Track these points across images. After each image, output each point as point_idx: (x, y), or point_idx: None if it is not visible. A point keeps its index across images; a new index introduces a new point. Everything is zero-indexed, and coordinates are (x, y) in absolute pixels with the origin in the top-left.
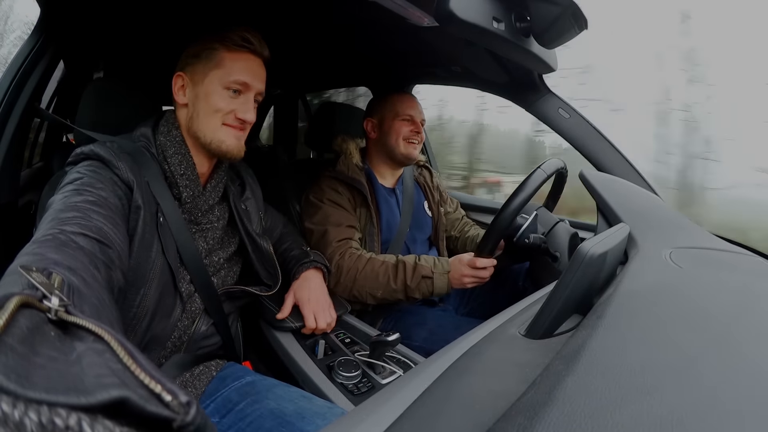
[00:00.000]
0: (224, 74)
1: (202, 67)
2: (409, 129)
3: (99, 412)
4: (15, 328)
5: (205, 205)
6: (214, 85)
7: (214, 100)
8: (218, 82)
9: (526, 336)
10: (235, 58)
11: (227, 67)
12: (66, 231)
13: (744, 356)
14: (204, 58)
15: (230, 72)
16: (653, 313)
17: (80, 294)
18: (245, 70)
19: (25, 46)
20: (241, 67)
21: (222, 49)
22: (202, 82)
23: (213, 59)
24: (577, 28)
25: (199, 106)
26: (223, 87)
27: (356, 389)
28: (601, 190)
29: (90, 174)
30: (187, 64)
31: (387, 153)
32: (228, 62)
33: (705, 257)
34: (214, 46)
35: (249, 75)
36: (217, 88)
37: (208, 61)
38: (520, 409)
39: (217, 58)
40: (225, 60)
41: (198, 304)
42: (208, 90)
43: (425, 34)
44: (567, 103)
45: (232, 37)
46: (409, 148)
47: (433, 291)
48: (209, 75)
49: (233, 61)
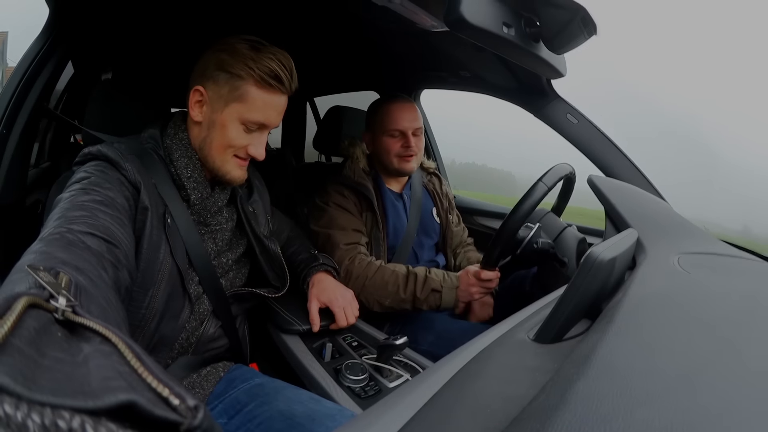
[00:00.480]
0: (245, 110)
1: (225, 93)
2: (399, 145)
3: (103, 415)
4: (22, 329)
5: (214, 207)
6: (233, 118)
7: (230, 134)
8: (237, 116)
9: (536, 341)
10: (260, 95)
11: (250, 103)
12: (74, 230)
13: (754, 361)
14: (227, 84)
15: (252, 110)
16: (662, 318)
17: (87, 294)
18: (268, 111)
19: (34, 46)
20: (265, 106)
21: (249, 81)
22: (221, 110)
23: (237, 90)
24: (587, 33)
25: (214, 135)
26: (240, 122)
27: (363, 393)
28: (610, 195)
29: (97, 174)
30: (208, 78)
31: (384, 167)
32: (252, 99)
33: (713, 263)
34: (241, 75)
35: (270, 115)
36: (234, 122)
37: (232, 90)
38: (532, 413)
39: (242, 90)
40: (250, 95)
41: (206, 305)
42: (226, 122)
43: (435, 38)
44: (575, 108)
45: (262, 70)
46: (402, 163)
47: (441, 305)
48: (230, 106)
49: (258, 99)
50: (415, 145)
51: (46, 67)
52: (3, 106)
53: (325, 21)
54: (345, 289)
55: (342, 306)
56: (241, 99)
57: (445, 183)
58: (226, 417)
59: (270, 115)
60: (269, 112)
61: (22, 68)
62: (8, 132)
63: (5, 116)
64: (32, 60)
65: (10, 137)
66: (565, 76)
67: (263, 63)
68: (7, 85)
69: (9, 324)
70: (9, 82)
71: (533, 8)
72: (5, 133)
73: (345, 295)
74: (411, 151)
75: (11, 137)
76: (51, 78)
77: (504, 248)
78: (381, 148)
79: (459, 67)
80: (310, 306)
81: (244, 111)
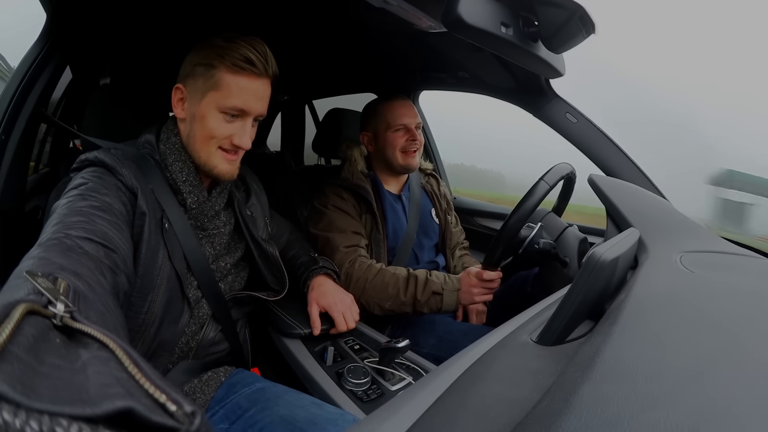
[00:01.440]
0: (221, 97)
1: (201, 84)
2: (404, 139)
3: (101, 422)
4: (20, 337)
5: (211, 211)
6: (211, 107)
7: (210, 124)
8: (215, 104)
9: (539, 342)
10: (234, 80)
11: (225, 90)
12: (71, 235)
13: (758, 360)
14: (202, 75)
15: (227, 96)
16: (666, 318)
17: (86, 299)
18: (244, 95)
19: (32, 51)
20: (240, 91)
21: (221, 69)
22: (199, 102)
23: (211, 78)
24: (585, 32)
25: (196, 128)
26: (219, 111)
27: (365, 396)
28: (610, 194)
29: (94, 180)
30: (186, 75)
31: (387, 165)
32: (226, 85)
33: (715, 261)
34: (213, 64)
35: (248, 100)
36: (213, 111)
37: (206, 79)
38: (537, 417)
39: (216, 77)
40: (223, 81)
41: (206, 309)
42: (204, 112)
43: (432, 39)
44: (574, 107)
45: (232, 55)
46: (408, 158)
47: (442, 307)
48: (207, 96)
49: (232, 84)
50: (418, 140)
51: (44, 72)
52: (1, 111)
53: (323, 24)
54: (344, 293)
55: (341, 311)
56: (216, 87)
57: (443, 184)
58: (227, 422)
59: (247, 100)
60: (246, 96)
61: (20, 73)
62: (7, 138)
63: (4, 122)
64: (30, 65)
65: (9, 143)
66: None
67: (234, 49)
68: (5, 90)
69: (7, 332)
70: (7, 87)
71: (531, 8)
72: (4, 138)
73: (344, 299)
74: (416, 145)
75: (10, 143)
76: (49, 83)
77: (505, 249)
78: (386, 144)
79: (458, 67)
80: (311, 309)
81: (220, 98)
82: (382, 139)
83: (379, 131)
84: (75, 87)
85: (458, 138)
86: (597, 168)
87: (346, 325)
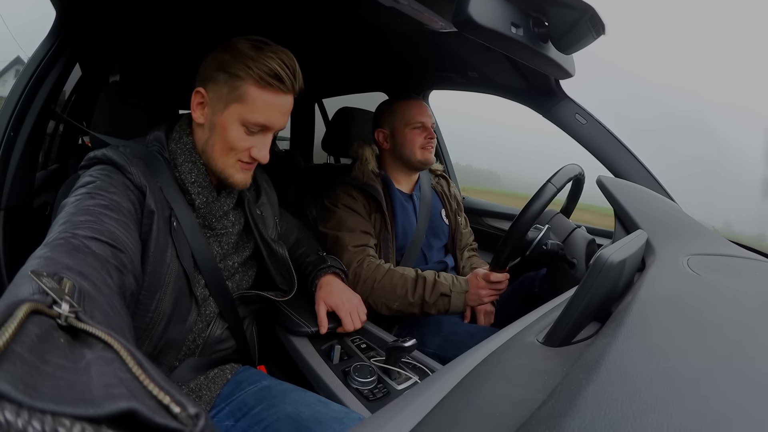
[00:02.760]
0: (245, 111)
1: (224, 93)
2: (422, 136)
3: (104, 423)
4: (24, 336)
5: (220, 211)
6: (233, 119)
7: (231, 136)
8: (237, 117)
9: (545, 344)
10: (260, 95)
11: (250, 104)
12: (78, 235)
13: (764, 365)
14: (227, 84)
15: (252, 110)
16: (672, 320)
17: (91, 299)
18: (269, 111)
19: (41, 48)
20: (266, 107)
21: (248, 81)
22: (221, 111)
23: (237, 90)
24: (595, 33)
25: (215, 137)
26: (241, 123)
27: (371, 395)
28: (619, 196)
29: (102, 178)
30: (209, 80)
31: (403, 162)
32: (252, 99)
33: (722, 264)
34: (240, 75)
35: (272, 116)
36: (235, 123)
37: (231, 90)
38: (541, 418)
39: (241, 89)
40: (249, 95)
41: (213, 308)
42: (226, 123)
43: (443, 39)
44: (584, 108)
45: (261, 68)
46: (426, 153)
47: (449, 309)
48: (230, 107)
49: (258, 99)
50: (434, 138)
51: (53, 69)
52: (11, 108)
53: (333, 22)
54: (352, 293)
55: (348, 311)
56: (241, 99)
57: (453, 185)
58: (232, 419)
59: (272, 116)
60: (271, 112)
61: (30, 70)
62: (16, 134)
63: (13, 118)
64: (40, 62)
65: (18, 139)
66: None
67: (263, 62)
68: (14, 87)
69: (10, 331)
70: (17, 84)
71: (541, 8)
72: (13, 135)
73: (351, 299)
74: (433, 143)
75: (19, 139)
76: (59, 80)
77: (513, 250)
78: (404, 141)
79: (467, 67)
80: (318, 308)
81: (245, 112)
82: (401, 136)
83: (397, 128)
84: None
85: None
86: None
87: (353, 325)
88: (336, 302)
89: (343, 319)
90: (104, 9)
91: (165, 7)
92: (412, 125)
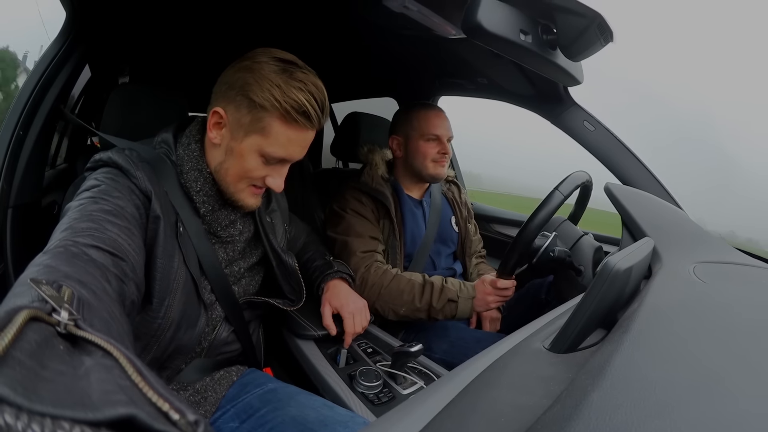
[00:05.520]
0: (266, 144)
1: (245, 122)
2: (436, 150)
3: (103, 427)
4: (23, 342)
5: (226, 220)
6: (252, 149)
7: (248, 165)
8: (257, 148)
9: (551, 350)
10: (284, 131)
11: (272, 138)
12: (79, 243)
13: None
14: (250, 114)
15: (273, 145)
16: (678, 328)
17: (90, 307)
18: (291, 146)
19: (51, 49)
20: (289, 143)
21: (274, 115)
22: (241, 139)
23: (260, 122)
24: (603, 40)
25: (231, 163)
26: (260, 155)
27: (377, 399)
28: (626, 203)
29: (107, 182)
30: (229, 101)
31: (413, 172)
32: (275, 134)
33: (728, 272)
34: (266, 106)
35: (293, 151)
36: (253, 153)
37: (254, 121)
38: (546, 423)
39: (265, 122)
40: (273, 129)
41: (219, 312)
42: (244, 152)
43: (452, 45)
44: (592, 115)
45: (289, 103)
46: (437, 168)
47: (456, 315)
48: (250, 137)
49: (281, 135)
50: (448, 152)
51: (63, 69)
52: (20, 107)
53: (343, 27)
54: (357, 297)
55: (351, 312)
56: (263, 132)
57: (464, 192)
58: (237, 421)
59: (293, 151)
60: (292, 148)
61: (39, 70)
62: (25, 134)
63: (22, 118)
64: (49, 62)
65: (27, 139)
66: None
67: (291, 95)
68: (24, 87)
69: (9, 336)
70: (26, 84)
71: (550, 15)
72: (22, 134)
73: (356, 302)
74: (446, 158)
75: (28, 139)
76: (68, 81)
77: (520, 257)
78: (417, 152)
79: (476, 74)
80: (323, 310)
81: (265, 145)
82: (413, 146)
83: (411, 137)
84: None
85: None
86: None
87: (354, 327)
88: (341, 303)
89: (345, 320)
90: (114, 10)
91: (175, 8)
92: (426, 136)
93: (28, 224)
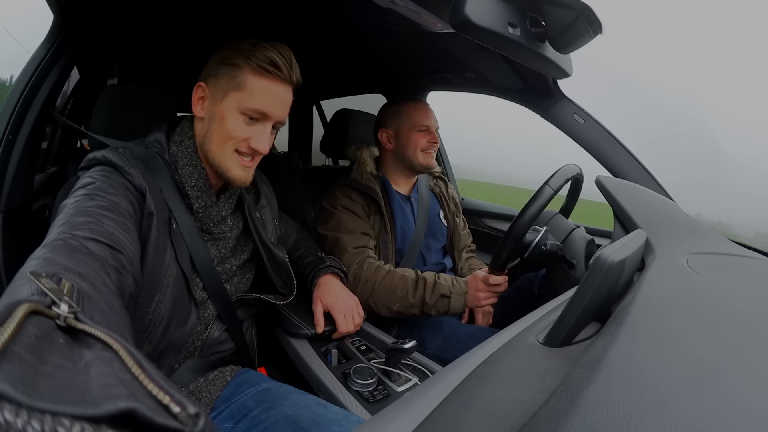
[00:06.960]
0: (243, 98)
1: (223, 84)
2: (426, 140)
3: (104, 422)
4: (23, 336)
5: (218, 216)
6: (231, 107)
7: (230, 125)
8: (236, 105)
9: (545, 344)
10: (258, 82)
11: (248, 91)
12: (77, 236)
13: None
14: (226, 75)
15: (250, 97)
16: (672, 320)
17: (90, 300)
18: (266, 98)
19: (39, 51)
20: (263, 94)
21: (246, 69)
22: (220, 101)
23: (235, 78)
24: (592, 32)
25: (214, 127)
26: (239, 112)
27: (371, 397)
28: (618, 196)
29: (102, 179)
30: (210, 74)
31: (405, 163)
32: (249, 86)
33: (722, 263)
34: (239, 64)
35: (269, 104)
36: (233, 111)
37: (230, 79)
38: (542, 418)
39: (240, 78)
40: (247, 82)
41: (211, 310)
42: (224, 112)
43: (440, 40)
44: (582, 108)
45: (258, 57)
46: (428, 158)
47: (449, 310)
48: (228, 95)
49: (255, 86)
50: (437, 141)
51: (51, 72)
52: (9, 111)
53: (330, 24)
54: (349, 294)
55: (343, 312)
56: (239, 87)
57: (451, 186)
58: (232, 421)
59: (270, 104)
60: (268, 100)
61: (28, 73)
62: (14, 137)
63: (11, 121)
64: (38, 65)
65: (16, 142)
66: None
67: (260, 51)
68: (12, 90)
69: (9, 331)
70: (15, 87)
71: (538, 8)
72: (11, 138)
73: (348, 301)
74: (435, 146)
75: (17, 142)
76: (57, 83)
77: (512, 252)
78: (408, 142)
79: (465, 68)
80: (315, 307)
81: (243, 99)
82: (405, 138)
83: (402, 130)
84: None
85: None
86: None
87: (346, 327)
88: (331, 303)
89: (338, 321)
90: (102, 11)
91: (163, 9)
92: (417, 128)
93: (19, 229)
